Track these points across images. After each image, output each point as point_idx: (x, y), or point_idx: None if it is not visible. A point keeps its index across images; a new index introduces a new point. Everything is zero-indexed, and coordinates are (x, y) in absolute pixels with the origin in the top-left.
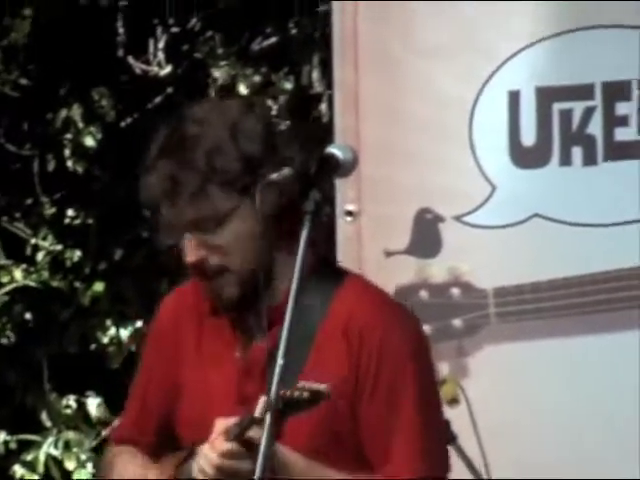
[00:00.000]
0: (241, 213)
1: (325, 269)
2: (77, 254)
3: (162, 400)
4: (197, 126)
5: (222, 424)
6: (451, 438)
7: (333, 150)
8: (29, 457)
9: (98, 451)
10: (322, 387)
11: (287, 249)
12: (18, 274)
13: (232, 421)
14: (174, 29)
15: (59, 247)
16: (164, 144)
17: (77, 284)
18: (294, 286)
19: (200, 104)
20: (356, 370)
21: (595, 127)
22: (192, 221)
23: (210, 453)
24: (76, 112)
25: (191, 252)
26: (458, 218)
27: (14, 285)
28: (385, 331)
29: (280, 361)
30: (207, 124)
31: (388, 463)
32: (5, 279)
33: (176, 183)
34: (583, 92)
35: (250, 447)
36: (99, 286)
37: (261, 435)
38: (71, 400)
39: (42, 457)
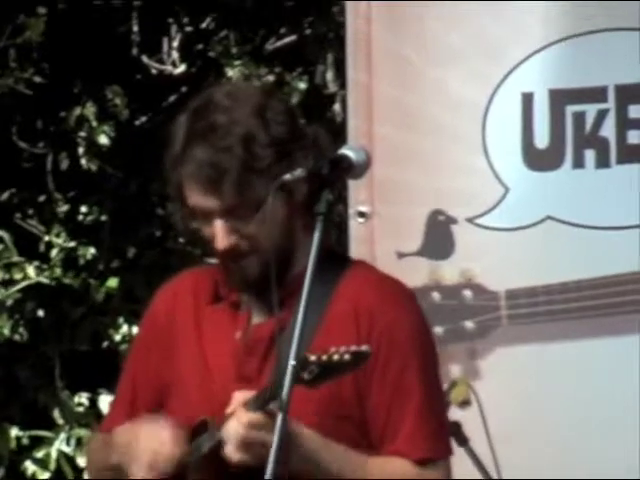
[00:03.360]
0: (272, 201)
1: (331, 256)
2: (90, 251)
3: (154, 390)
4: (225, 114)
5: (241, 396)
6: (462, 440)
7: (346, 151)
8: (40, 454)
9: None
10: (364, 347)
11: (307, 228)
12: (31, 271)
13: (251, 393)
14: (188, 28)
15: (72, 244)
16: (191, 132)
17: (90, 281)
18: (306, 288)
19: (220, 91)
20: None
21: (608, 130)
22: (232, 207)
23: (236, 425)
24: (90, 110)
25: (223, 238)
26: (471, 220)
27: (27, 282)
28: (394, 313)
29: (292, 362)
30: (234, 112)
31: (393, 443)
32: (18, 276)
33: (219, 169)
34: (596, 94)
35: (272, 417)
36: (113, 282)
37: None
38: (83, 398)
39: (54, 454)
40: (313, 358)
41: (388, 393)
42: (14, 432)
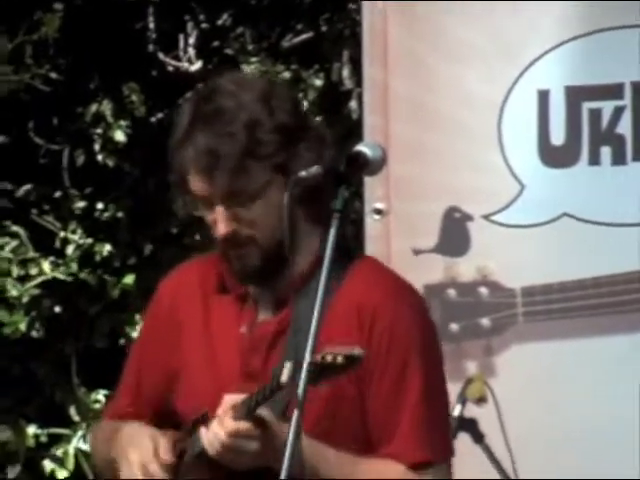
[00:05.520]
0: (274, 188)
1: (337, 252)
2: (107, 248)
3: (159, 377)
4: (230, 99)
5: (230, 399)
6: (478, 437)
7: (362, 148)
8: (59, 451)
9: None
10: (356, 351)
11: (310, 219)
12: (47, 267)
13: (241, 397)
14: (205, 25)
15: (89, 241)
16: (196, 116)
17: (106, 278)
18: (321, 288)
19: (226, 78)
20: (367, 348)
21: (624, 127)
22: (228, 194)
23: (218, 430)
24: (106, 107)
25: (223, 224)
26: (487, 217)
27: (43, 278)
28: (396, 313)
29: (308, 359)
30: (240, 97)
31: (389, 443)
32: (34, 271)
33: (216, 155)
34: (613, 91)
35: (259, 424)
36: (129, 279)
37: (269, 413)
38: (100, 395)
39: (72, 451)
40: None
41: (387, 393)
42: (32, 430)
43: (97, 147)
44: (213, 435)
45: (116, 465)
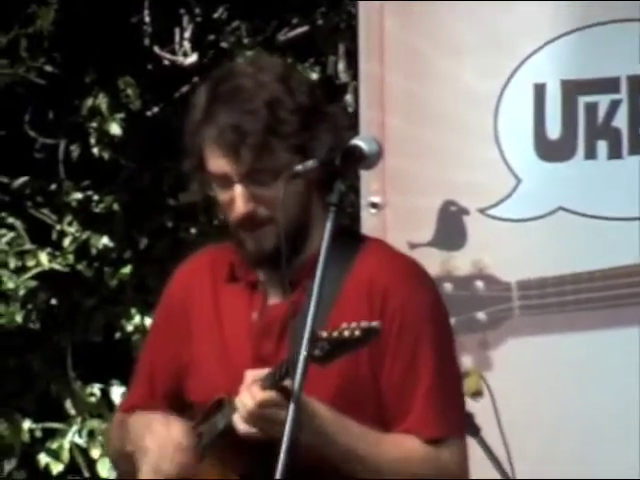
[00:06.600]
0: (292, 169)
1: (346, 234)
2: (103, 241)
3: (171, 369)
4: (249, 79)
5: (252, 374)
6: (474, 430)
7: (358, 142)
8: (54, 446)
9: None
10: (374, 323)
11: (322, 206)
12: (44, 258)
13: (263, 372)
14: (200, 19)
15: (85, 234)
16: (215, 95)
17: (104, 269)
18: (318, 277)
19: (242, 61)
20: None
21: (620, 120)
22: (251, 171)
23: (249, 402)
24: (102, 101)
25: (242, 203)
26: (483, 211)
27: (40, 269)
28: (408, 292)
29: (304, 352)
30: (259, 77)
31: (404, 421)
32: (31, 263)
33: (241, 132)
34: (609, 85)
35: (286, 394)
36: (127, 269)
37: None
38: (95, 388)
39: (67, 445)
40: (324, 335)
41: (400, 372)
42: (27, 424)
43: (93, 140)
44: (243, 406)
45: (132, 458)
